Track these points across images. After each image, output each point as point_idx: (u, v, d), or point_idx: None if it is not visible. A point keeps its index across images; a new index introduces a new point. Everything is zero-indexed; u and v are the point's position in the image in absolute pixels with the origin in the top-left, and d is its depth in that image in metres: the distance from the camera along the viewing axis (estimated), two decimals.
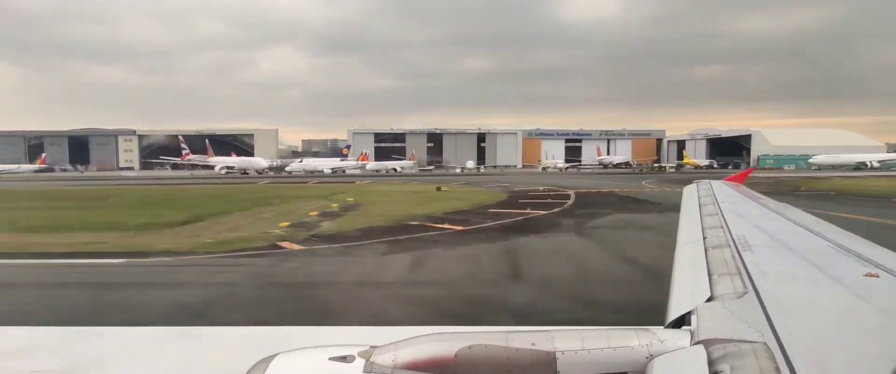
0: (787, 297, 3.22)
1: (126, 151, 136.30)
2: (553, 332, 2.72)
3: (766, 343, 2.41)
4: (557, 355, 2.58)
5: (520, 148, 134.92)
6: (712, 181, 10.87)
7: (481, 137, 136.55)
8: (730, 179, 12.32)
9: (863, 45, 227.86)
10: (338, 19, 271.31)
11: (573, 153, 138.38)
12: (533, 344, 2.63)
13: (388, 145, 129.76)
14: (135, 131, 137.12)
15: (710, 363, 2.29)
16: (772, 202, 8.15)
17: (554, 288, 14.71)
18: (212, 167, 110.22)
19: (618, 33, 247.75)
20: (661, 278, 4.85)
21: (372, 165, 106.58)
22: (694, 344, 2.56)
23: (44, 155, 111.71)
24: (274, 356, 2.71)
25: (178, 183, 70.32)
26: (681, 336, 2.71)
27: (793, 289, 3.50)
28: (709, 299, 3.25)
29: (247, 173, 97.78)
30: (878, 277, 3.65)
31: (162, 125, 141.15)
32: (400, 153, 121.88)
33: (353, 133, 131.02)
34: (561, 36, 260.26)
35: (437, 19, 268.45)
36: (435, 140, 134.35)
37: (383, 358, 2.62)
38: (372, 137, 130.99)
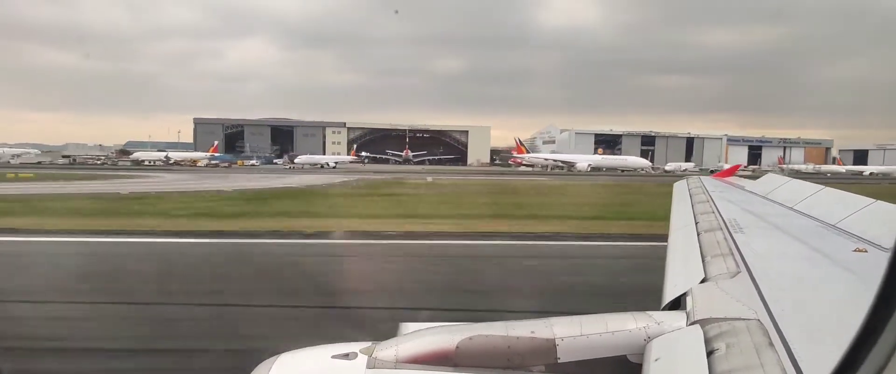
0: (778, 274, 3.26)
1: (334, 143, 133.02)
2: (552, 320, 2.77)
3: (759, 320, 2.42)
4: (557, 341, 2.62)
5: (724, 152, 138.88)
6: (702, 176, 11.04)
7: (689, 141, 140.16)
8: (717, 176, 12.40)
9: (812, 62, 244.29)
10: (312, 13, 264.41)
11: (754, 160, 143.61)
12: (532, 332, 2.67)
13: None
14: (345, 123, 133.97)
15: (707, 341, 2.30)
16: (761, 188, 8.20)
17: None
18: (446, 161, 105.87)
19: (593, 40, 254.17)
20: None
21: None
22: (690, 324, 2.57)
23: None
24: (277, 356, 2.72)
25: None
26: (677, 318, 2.72)
27: (784, 267, 3.53)
28: (703, 281, 3.26)
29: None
30: (866, 252, 3.67)
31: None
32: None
33: (576, 133, 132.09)
34: (537, 40, 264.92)
35: (413, 17, 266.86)
36: (647, 142, 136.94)
37: (385, 354, 2.65)
38: (592, 138, 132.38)
